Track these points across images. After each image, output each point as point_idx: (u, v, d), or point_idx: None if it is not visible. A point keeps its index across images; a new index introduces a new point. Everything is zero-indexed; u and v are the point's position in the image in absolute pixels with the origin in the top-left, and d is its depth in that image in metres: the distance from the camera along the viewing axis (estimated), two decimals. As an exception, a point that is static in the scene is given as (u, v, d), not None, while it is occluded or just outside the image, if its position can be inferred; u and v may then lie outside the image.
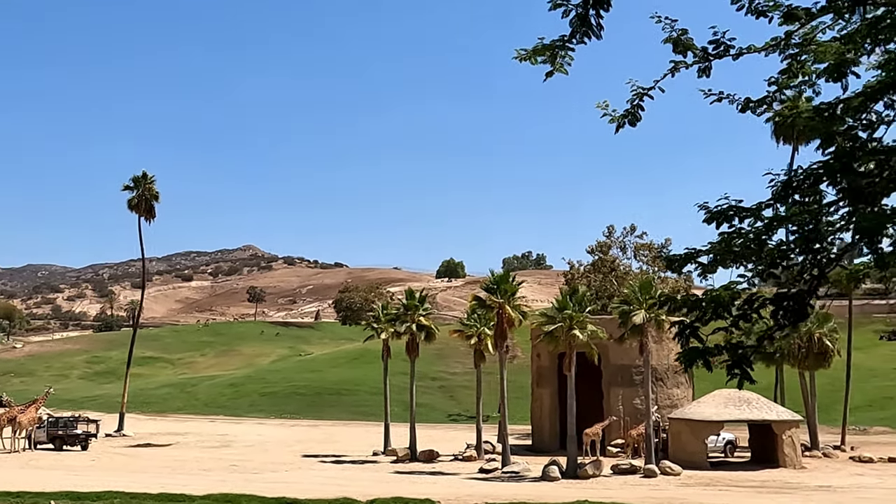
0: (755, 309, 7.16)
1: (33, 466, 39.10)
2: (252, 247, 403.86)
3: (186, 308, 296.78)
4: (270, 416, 75.24)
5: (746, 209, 7.14)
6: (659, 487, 34.63)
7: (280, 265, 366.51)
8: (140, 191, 62.09)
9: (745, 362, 7.01)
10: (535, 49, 6.26)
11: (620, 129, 7.88)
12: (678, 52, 7.24)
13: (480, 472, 39.06)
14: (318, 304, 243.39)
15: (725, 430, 46.84)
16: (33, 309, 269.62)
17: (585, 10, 6.05)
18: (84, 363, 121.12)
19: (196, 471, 38.24)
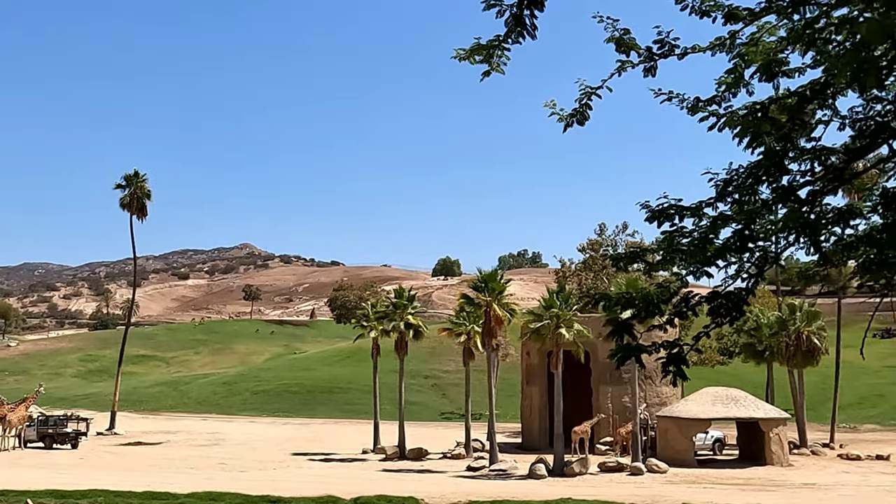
0: (691, 307, 7.20)
1: (21, 465, 39.08)
2: (249, 245, 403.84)
3: (183, 306, 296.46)
4: (262, 415, 75.23)
5: (686, 208, 7.18)
6: (644, 485, 34.69)
7: (276, 263, 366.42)
8: (132, 189, 62.02)
9: (681, 360, 7.06)
10: (472, 49, 6.29)
11: (569, 129, 7.91)
12: (621, 52, 7.26)
13: (468, 471, 39.11)
14: (314, 303, 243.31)
15: (714, 428, 46.97)
16: (29, 307, 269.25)
17: (520, 10, 6.07)
18: (78, 361, 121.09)
19: (184, 469, 38.25)
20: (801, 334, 48.98)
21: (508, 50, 6.32)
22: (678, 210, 7.22)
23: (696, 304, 7.21)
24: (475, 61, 6.34)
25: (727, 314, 7.17)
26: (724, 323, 7.35)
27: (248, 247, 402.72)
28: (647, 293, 7.36)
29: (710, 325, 7.46)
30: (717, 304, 7.08)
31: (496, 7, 6.05)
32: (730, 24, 7.23)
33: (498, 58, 6.36)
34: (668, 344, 7.19)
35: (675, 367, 7.02)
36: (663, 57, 7.52)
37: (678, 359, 7.05)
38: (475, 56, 6.31)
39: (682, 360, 7.07)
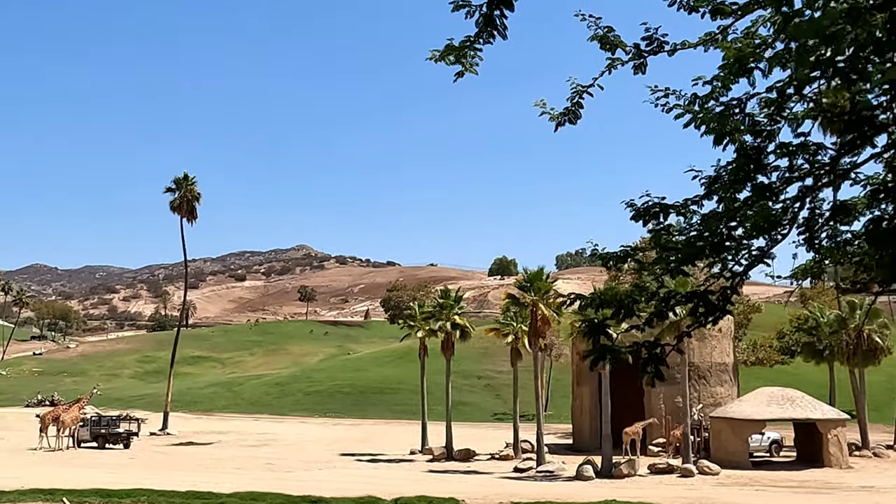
0: (671, 307, 7.22)
1: (73, 464, 40.17)
2: (305, 246, 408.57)
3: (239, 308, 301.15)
4: (313, 415, 76.15)
5: (671, 206, 7.21)
6: (693, 487, 34.34)
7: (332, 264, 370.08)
8: (182, 192, 63.31)
9: (659, 360, 7.07)
10: (444, 50, 6.41)
11: (560, 127, 7.99)
12: (606, 50, 7.32)
13: (515, 472, 39.16)
14: (369, 303, 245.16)
15: (772, 430, 46.27)
16: (90, 309, 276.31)
17: (490, 11, 6.18)
18: (135, 363, 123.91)
19: (230, 469, 38.94)
20: (861, 332, 47.99)
21: (480, 50, 6.42)
22: (663, 208, 7.26)
23: (675, 303, 7.23)
24: (450, 62, 6.46)
25: (709, 314, 7.18)
26: (708, 323, 7.36)
27: (304, 248, 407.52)
28: (620, 294, 7.41)
29: (693, 325, 7.49)
30: (697, 304, 7.09)
31: (465, 8, 6.15)
32: (718, 19, 7.23)
33: (470, 58, 6.46)
34: (650, 344, 7.22)
35: (654, 367, 7.05)
36: (653, 54, 7.53)
37: (657, 359, 7.08)
38: (448, 57, 6.42)
39: (661, 360, 7.09)
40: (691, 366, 49.42)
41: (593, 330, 7.39)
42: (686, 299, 7.13)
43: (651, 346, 7.14)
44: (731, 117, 6.79)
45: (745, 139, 6.85)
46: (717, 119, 6.77)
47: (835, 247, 7.59)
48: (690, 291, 7.23)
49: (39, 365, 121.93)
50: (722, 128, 6.74)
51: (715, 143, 6.84)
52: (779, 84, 6.48)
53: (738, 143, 6.79)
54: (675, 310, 7.39)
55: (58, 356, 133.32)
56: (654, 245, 7.38)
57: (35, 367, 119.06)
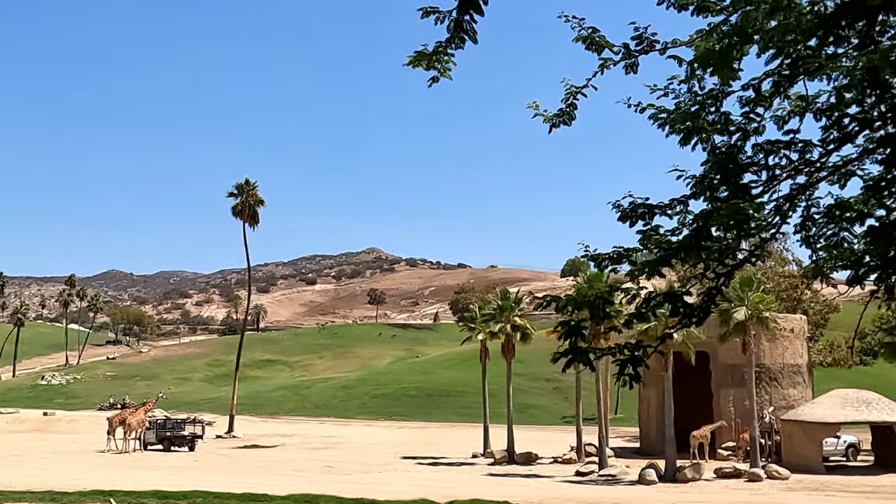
0: (651, 308, 7.31)
1: (138, 466, 41.46)
2: (376, 249, 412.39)
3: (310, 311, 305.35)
4: (379, 419, 76.97)
5: (656, 206, 7.30)
6: (760, 492, 33.83)
7: (403, 267, 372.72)
8: (244, 197, 64.71)
9: (638, 362, 7.15)
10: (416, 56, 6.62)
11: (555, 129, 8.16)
12: (592, 51, 7.45)
13: (576, 475, 39.08)
14: (439, 306, 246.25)
15: (848, 433, 45.28)
16: (164, 314, 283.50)
17: (460, 16, 6.37)
18: (205, 366, 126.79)
19: (290, 471, 39.74)
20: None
21: (453, 55, 6.62)
22: (649, 209, 7.36)
23: (655, 305, 7.32)
24: (426, 67, 6.68)
25: (692, 315, 7.26)
26: (692, 324, 7.43)
27: (375, 251, 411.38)
28: (590, 295, 7.54)
29: (675, 326, 7.58)
30: (677, 306, 7.18)
31: (434, 14, 6.36)
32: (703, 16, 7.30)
33: (443, 63, 6.67)
34: (632, 346, 7.31)
35: (634, 369, 7.14)
36: (643, 53, 7.63)
37: (637, 360, 7.17)
38: (422, 63, 6.64)
39: (640, 361, 7.17)
40: (762, 367, 48.64)
41: (570, 331, 7.51)
42: (665, 300, 7.22)
43: (633, 348, 7.23)
44: (706, 115, 6.88)
45: (715, 138, 6.93)
46: (690, 118, 6.87)
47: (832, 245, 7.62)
48: (670, 292, 7.31)
49: (113, 369, 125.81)
50: (693, 126, 6.84)
51: (681, 143, 6.95)
52: (754, 81, 6.56)
53: (710, 143, 6.88)
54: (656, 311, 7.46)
55: (131, 360, 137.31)
56: (645, 246, 7.49)
57: (109, 372, 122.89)
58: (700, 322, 7.39)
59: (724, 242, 7.07)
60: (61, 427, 69.23)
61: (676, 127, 6.92)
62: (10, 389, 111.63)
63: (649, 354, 7.32)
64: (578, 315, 7.94)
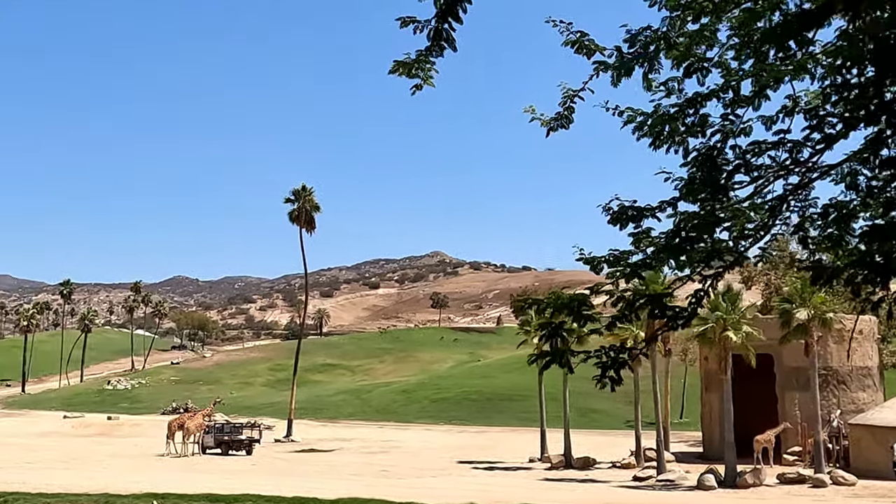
0: (635, 310, 7.39)
1: (195, 470, 42.44)
2: (440, 253, 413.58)
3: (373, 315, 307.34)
4: (439, 423, 77.32)
5: (644, 208, 7.40)
6: (823, 499, 33.30)
7: (466, 270, 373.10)
8: (300, 203, 65.70)
9: (622, 365, 7.24)
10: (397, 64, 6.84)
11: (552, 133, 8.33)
12: (581, 54, 7.60)
13: (633, 480, 38.90)
14: (503, 309, 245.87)
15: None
16: (228, 319, 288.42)
17: (440, 25, 6.58)
18: (267, 371, 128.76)
19: (345, 475, 40.23)
20: None
21: (433, 63, 6.83)
22: (638, 211, 7.47)
23: (639, 307, 7.40)
24: (412, 75, 6.90)
25: (677, 317, 7.34)
26: (678, 327, 7.49)
27: (438, 254, 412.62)
28: (572, 297, 7.65)
29: (660, 329, 7.67)
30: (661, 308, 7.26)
31: (412, 24, 6.58)
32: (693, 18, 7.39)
33: (425, 71, 6.87)
34: (617, 348, 7.39)
35: (616, 372, 7.23)
36: (636, 56, 7.79)
37: (621, 363, 7.26)
38: (403, 71, 6.86)
39: (624, 364, 7.26)
40: (829, 370, 47.74)
41: (550, 333, 7.64)
42: (649, 302, 7.30)
43: (618, 351, 7.32)
44: (684, 118, 6.98)
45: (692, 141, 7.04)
46: (669, 121, 6.98)
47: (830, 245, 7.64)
48: (654, 294, 7.40)
49: (177, 374, 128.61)
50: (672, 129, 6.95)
51: (653, 147, 7.06)
52: (733, 82, 6.65)
53: (684, 146, 6.99)
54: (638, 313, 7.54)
55: (194, 365, 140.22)
56: (637, 248, 7.60)
57: (173, 376, 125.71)
58: (686, 324, 7.45)
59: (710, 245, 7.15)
60: (124, 431, 71.17)
61: (646, 130, 7.04)
62: (78, 394, 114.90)
63: (634, 357, 7.42)
64: (558, 317, 8.05)
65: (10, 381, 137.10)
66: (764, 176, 7.21)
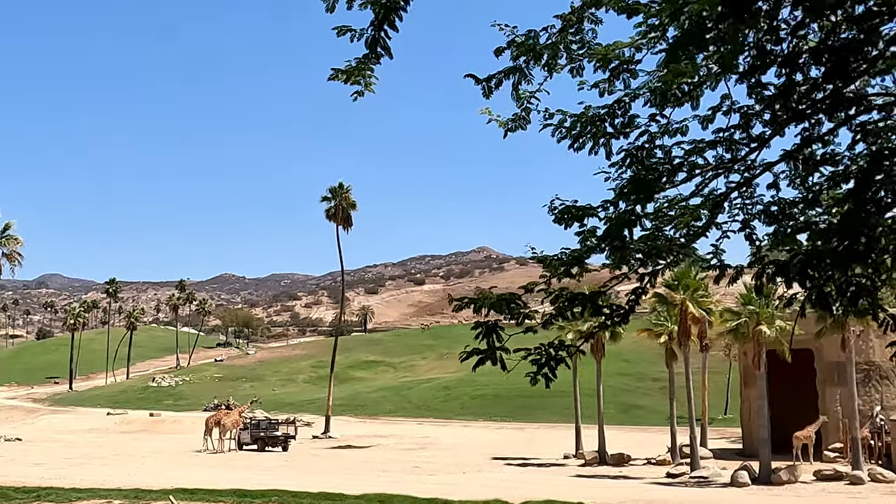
0: (571, 307, 7.58)
1: (230, 466, 43.22)
2: (486, 248, 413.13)
3: (418, 312, 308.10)
4: (478, 419, 77.60)
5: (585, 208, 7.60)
6: (859, 496, 32.89)
7: (512, 266, 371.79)
8: (337, 201, 66.44)
9: (558, 362, 7.42)
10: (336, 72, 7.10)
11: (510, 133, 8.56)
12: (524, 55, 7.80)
13: (667, 477, 38.83)
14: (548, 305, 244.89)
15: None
16: (273, 317, 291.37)
17: (377, 33, 6.84)
18: (310, 368, 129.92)
19: (377, 472, 40.70)
20: None
21: (371, 70, 7.09)
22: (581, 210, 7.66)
23: (578, 304, 7.59)
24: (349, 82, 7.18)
25: (614, 314, 7.53)
26: (617, 323, 7.67)
27: (485, 250, 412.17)
28: (501, 297, 7.86)
29: (599, 326, 7.87)
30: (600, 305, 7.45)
31: (349, 33, 6.84)
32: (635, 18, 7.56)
33: (366, 78, 7.14)
34: (555, 346, 7.58)
35: (552, 370, 7.43)
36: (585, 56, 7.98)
37: (559, 360, 7.45)
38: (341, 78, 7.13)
39: (560, 361, 7.44)
40: (872, 365, 47.18)
41: (487, 331, 7.84)
42: (586, 300, 7.49)
43: (556, 348, 7.52)
44: (613, 119, 7.17)
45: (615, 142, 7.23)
46: (594, 122, 7.17)
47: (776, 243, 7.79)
48: (592, 292, 7.61)
49: (220, 371, 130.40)
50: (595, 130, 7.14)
51: (573, 149, 7.26)
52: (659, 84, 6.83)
53: (607, 147, 7.18)
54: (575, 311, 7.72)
55: (238, 362, 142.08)
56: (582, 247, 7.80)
57: (216, 374, 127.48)
58: (624, 321, 7.64)
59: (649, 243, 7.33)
60: (165, 427, 72.55)
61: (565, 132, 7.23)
62: (123, 391, 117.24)
63: (572, 354, 7.61)
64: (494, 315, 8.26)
65: (58, 378, 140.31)
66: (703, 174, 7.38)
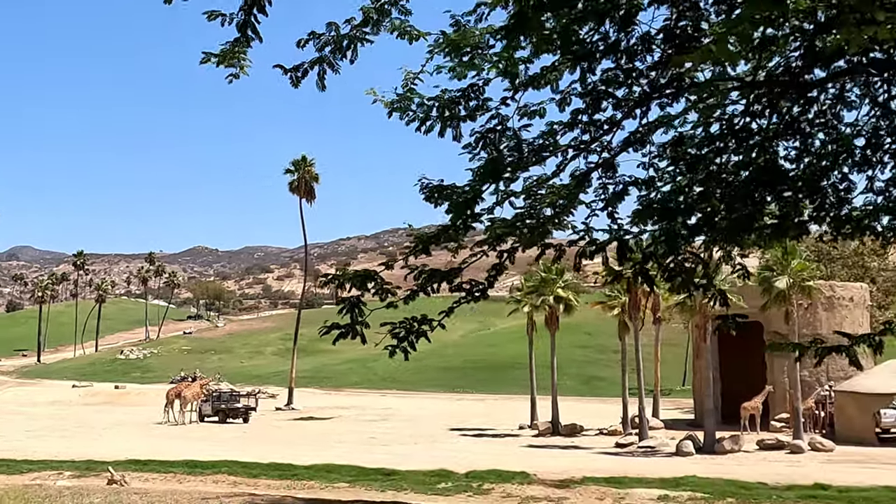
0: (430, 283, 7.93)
1: (188, 437, 43.50)
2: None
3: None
4: (442, 391, 78.25)
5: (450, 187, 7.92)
6: (798, 464, 33.67)
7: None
8: (300, 173, 66.47)
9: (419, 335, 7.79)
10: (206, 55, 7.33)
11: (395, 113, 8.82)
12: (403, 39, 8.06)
13: (615, 447, 39.55)
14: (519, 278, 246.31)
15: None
16: (245, 289, 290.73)
17: (248, 17, 7.05)
18: (279, 340, 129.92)
19: (332, 442, 41.07)
20: None
21: (245, 53, 7.32)
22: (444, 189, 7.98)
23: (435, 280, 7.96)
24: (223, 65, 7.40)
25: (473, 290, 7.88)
26: (476, 299, 8.03)
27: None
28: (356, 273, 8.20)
29: (456, 303, 8.23)
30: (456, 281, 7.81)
31: (220, 17, 7.05)
32: None
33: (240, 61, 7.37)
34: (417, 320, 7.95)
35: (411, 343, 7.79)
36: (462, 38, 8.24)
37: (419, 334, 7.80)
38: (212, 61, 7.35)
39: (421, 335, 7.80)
40: (819, 337, 47.86)
41: (349, 307, 8.18)
42: (443, 277, 7.84)
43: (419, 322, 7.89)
44: (468, 102, 7.46)
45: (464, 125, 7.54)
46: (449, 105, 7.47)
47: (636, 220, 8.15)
48: (443, 270, 7.95)
49: (189, 343, 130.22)
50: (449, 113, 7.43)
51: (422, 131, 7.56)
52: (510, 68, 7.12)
53: (456, 130, 7.48)
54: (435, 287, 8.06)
55: (207, 335, 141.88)
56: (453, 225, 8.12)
57: (184, 346, 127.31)
58: (484, 296, 8.01)
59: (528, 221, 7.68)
60: (130, 400, 72.51)
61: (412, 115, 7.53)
62: (91, 364, 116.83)
63: (433, 328, 7.96)
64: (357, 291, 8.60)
65: (27, 350, 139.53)
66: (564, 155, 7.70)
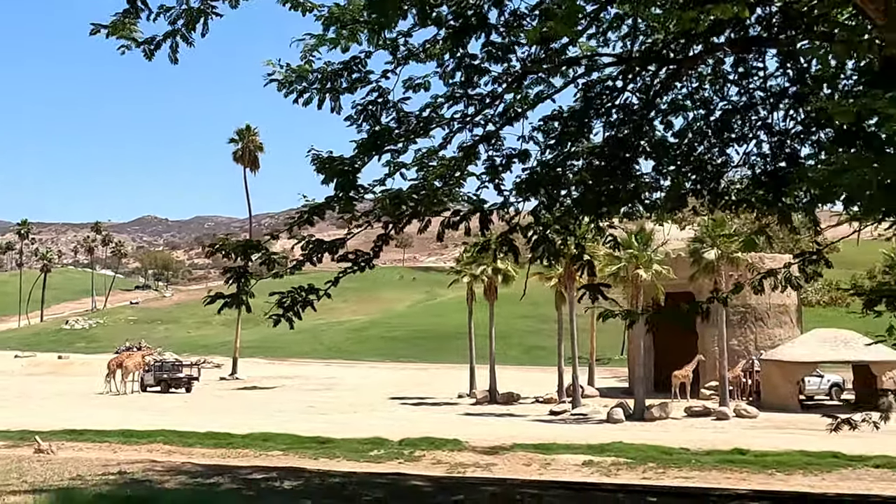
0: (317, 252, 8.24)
1: (129, 407, 43.37)
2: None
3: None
4: (387, 361, 78.70)
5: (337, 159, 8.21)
6: (722, 430, 34.67)
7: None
8: (244, 143, 66.04)
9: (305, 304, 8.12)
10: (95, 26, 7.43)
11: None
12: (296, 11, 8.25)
13: (549, 415, 40.32)
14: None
15: (837, 373, 46.17)
16: (195, 259, 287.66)
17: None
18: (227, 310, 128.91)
19: (272, 412, 41.26)
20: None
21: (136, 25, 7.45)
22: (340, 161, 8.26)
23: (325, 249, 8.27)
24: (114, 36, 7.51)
25: (358, 261, 8.20)
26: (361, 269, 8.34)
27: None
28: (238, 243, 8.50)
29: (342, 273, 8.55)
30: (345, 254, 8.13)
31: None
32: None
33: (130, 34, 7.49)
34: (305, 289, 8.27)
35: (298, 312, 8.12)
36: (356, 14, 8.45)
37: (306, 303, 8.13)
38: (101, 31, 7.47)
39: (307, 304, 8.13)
40: (748, 307, 49.18)
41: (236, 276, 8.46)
42: (327, 248, 8.16)
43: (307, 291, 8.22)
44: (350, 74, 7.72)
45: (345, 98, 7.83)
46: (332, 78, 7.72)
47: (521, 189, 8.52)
48: (335, 240, 8.27)
49: (136, 314, 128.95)
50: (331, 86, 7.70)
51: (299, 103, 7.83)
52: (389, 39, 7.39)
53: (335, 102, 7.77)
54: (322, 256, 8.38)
55: (154, 305, 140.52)
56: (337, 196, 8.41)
57: (131, 316, 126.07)
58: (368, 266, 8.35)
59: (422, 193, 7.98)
60: (74, 370, 71.90)
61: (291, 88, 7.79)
62: (35, 334, 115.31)
63: (319, 297, 8.28)
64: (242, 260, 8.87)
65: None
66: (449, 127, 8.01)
